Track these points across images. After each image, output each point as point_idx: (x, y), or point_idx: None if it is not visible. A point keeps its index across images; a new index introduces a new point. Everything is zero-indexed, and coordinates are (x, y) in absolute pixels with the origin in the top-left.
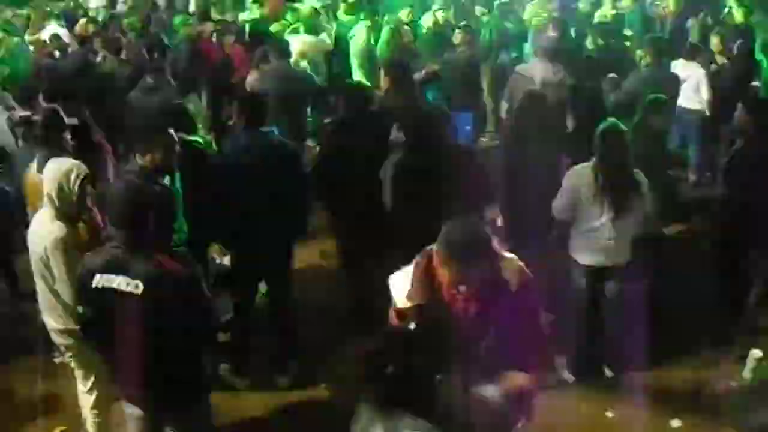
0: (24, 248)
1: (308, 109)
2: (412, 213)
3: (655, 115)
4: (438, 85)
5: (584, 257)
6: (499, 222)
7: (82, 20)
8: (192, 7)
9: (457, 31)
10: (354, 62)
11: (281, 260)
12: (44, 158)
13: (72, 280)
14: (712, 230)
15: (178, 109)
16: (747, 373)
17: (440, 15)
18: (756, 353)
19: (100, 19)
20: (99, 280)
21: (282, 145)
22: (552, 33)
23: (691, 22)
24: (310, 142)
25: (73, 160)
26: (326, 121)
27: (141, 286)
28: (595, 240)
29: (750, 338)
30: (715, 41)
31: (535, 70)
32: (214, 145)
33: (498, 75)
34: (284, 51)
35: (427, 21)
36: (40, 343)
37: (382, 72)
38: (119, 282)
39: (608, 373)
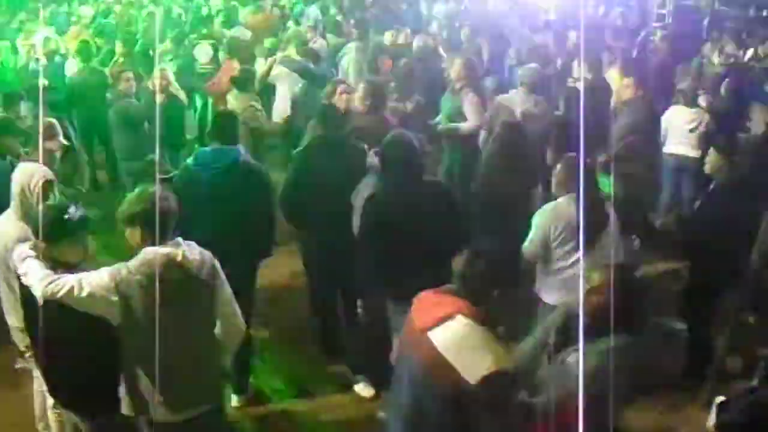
0: None
1: None
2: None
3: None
4: None
5: (554, 297)
6: None
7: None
8: None
9: None
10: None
11: (244, 280)
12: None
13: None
14: (681, 272)
15: None
16: (711, 422)
17: None
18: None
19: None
20: None
21: (246, 164)
22: (534, 64)
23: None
24: None
25: (38, 165)
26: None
27: None
28: (569, 278)
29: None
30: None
31: (516, 100)
32: None
33: None
34: None
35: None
36: None
37: (360, 93)
38: None
39: None
